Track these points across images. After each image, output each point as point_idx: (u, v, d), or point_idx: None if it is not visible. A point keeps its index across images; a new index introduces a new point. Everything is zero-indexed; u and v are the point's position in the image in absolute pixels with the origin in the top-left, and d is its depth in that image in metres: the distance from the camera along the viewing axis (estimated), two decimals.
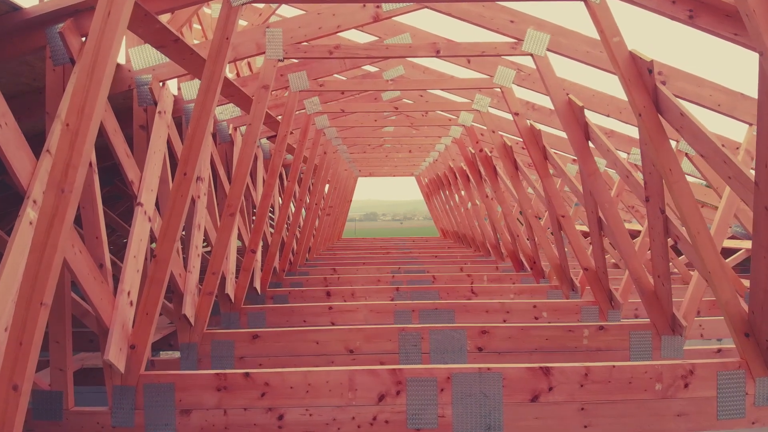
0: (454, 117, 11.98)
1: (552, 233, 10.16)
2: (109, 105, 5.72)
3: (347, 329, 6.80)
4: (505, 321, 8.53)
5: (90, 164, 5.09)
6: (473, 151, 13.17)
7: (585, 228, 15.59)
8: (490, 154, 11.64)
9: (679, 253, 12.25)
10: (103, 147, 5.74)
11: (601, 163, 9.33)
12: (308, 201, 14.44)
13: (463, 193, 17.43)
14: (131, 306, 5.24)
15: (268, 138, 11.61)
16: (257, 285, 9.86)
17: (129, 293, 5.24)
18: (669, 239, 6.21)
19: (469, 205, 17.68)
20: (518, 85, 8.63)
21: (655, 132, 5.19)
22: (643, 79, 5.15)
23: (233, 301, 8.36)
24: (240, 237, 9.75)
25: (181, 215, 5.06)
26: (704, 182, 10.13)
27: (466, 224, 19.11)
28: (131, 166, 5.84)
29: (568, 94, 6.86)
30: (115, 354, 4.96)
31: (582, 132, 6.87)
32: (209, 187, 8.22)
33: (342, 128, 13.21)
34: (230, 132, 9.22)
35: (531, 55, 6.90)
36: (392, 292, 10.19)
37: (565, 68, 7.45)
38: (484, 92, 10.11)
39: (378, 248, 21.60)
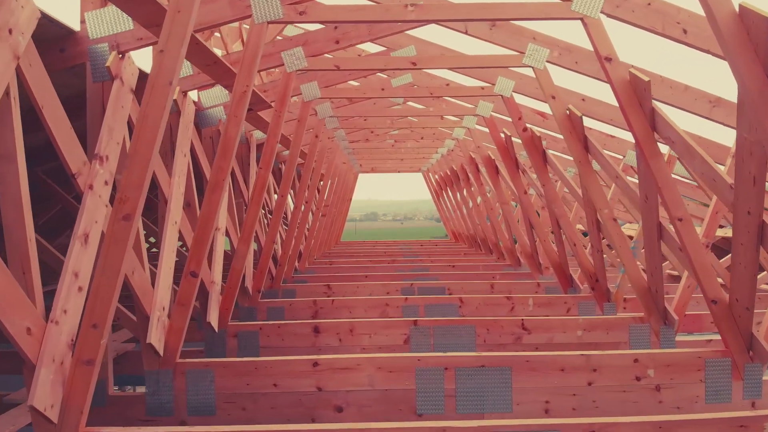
0: (488, 85, 8.89)
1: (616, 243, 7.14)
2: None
3: None
4: (591, 384, 5.45)
5: None
6: (507, 133, 10.11)
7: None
8: (539, 134, 8.54)
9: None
10: None
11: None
12: (294, 196, 11.35)
13: (488, 190, 14.34)
14: None
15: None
16: (213, 319, 6.79)
17: None
18: None
19: (488, 194, 14.62)
20: None
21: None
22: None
23: (163, 354, 5.29)
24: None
25: None
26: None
27: (488, 227, 16.03)
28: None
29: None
30: None
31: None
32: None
33: (337, 102, 10.15)
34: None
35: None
36: (407, 327, 7.11)
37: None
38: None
39: (382, 254, 18.51)
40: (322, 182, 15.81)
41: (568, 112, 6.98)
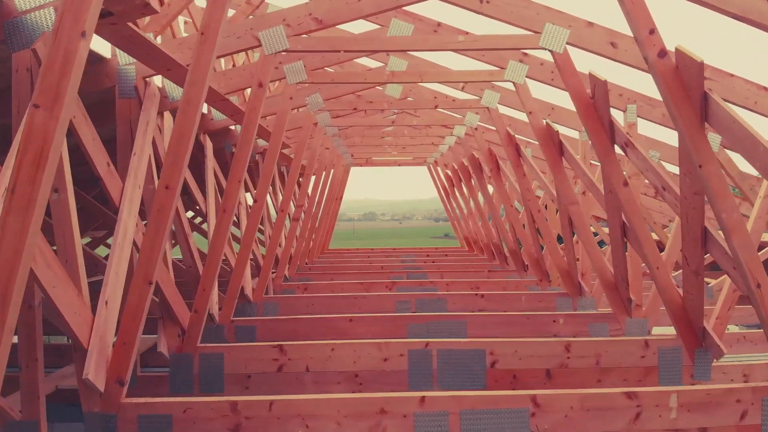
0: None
1: None
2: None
3: None
4: None
5: None
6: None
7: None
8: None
9: None
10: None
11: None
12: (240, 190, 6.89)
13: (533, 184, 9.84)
14: None
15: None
16: None
17: None
18: None
19: (518, 195, 10.13)
20: None
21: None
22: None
23: None
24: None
25: None
26: None
27: (525, 234, 11.56)
28: None
29: None
30: None
31: None
32: None
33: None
34: None
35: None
36: None
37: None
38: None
39: (378, 271, 14.09)
40: (285, 167, 11.35)
41: None
